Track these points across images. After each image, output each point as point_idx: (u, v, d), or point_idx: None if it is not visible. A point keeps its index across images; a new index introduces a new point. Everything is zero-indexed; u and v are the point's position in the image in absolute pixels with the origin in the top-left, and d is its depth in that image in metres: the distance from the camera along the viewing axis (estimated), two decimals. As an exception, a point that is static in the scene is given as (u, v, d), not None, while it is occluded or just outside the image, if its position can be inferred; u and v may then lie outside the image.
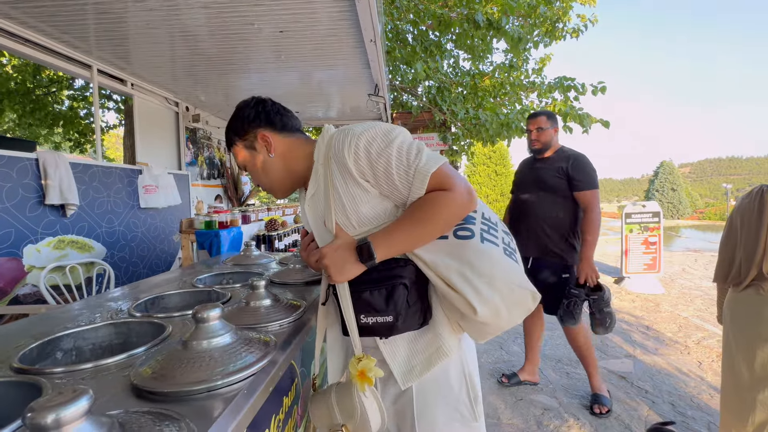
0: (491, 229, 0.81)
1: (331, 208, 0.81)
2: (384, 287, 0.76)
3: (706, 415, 2.28)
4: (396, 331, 0.77)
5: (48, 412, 0.33)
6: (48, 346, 0.72)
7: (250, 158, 0.92)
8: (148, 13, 2.28)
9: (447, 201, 0.76)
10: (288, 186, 0.94)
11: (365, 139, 0.78)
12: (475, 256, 0.75)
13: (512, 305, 0.74)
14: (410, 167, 0.77)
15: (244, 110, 0.92)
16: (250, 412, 0.55)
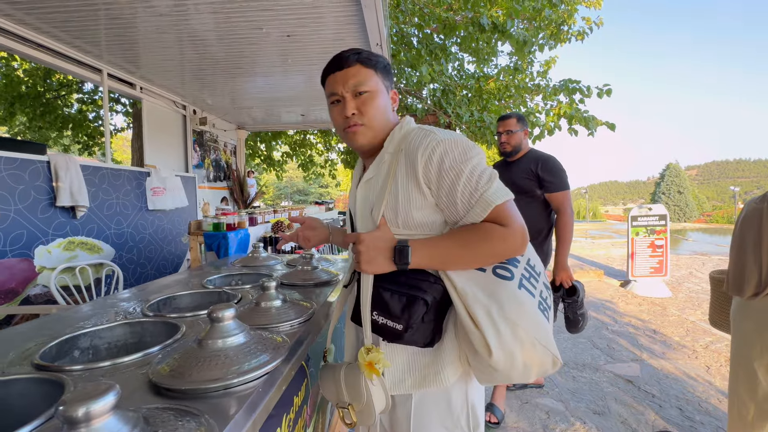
0: (532, 278, 0.80)
1: (384, 199, 0.81)
2: (405, 295, 0.75)
3: (714, 420, 2.26)
4: (400, 340, 0.77)
5: (79, 405, 0.34)
6: (66, 345, 0.74)
7: (381, 92, 0.88)
8: (158, 19, 2.32)
9: (501, 236, 0.76)
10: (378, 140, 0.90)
11: (443, 147, 0.77)
12: (508, 298, 0.73)
13: (529, 361, 0.71)
14: (476, 191, 0.76)
15: (389, 64, 0.93)
16: (265, 410, 0.56)
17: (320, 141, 8.81)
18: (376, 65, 0.89)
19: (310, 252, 1.42)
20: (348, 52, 0.89)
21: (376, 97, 0.87)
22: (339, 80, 0.87)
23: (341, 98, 0.88)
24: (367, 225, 0.86)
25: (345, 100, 0.87)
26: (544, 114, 5.33)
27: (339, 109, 0.89)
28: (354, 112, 0.86)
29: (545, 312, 0.77)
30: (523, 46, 4.05)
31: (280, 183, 30.20)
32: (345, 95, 0.87)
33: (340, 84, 0.87)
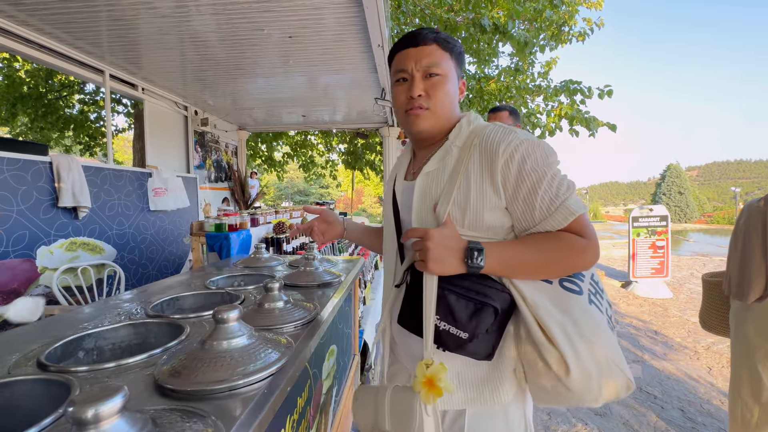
0: (598, 294, 0.75)
1: (452, 195, 0.75)
2: (474, 301, 0.69)
3: (716, 422, 2.26)
4: (461, 350, 0.70)
5: (88, 407, 0.35)
6: (71, 346, 0.74)
7: (452, 77, 0.83)
8: (160, 20, 2.32)
9: (580, 248, 0.71)
10: (440, 127, 0.84)
11: (526, 147, 0.73)
12: (581, 314, 0.68)
13: (605, 382, 0.65)
14: (558, 198, 0.72)
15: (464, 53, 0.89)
16: (270, 411, 0.57)
17: (321, 142, 8.82)
18: (453, 49, 0.84)
19: (313, 253, 1.42)
20: (426, 29, 0.83)
21: (446, 82, 0.82)
22: (411, 57, 0.82)
23: (410, 77, 0.83)
24: (425, 221, 0.80)
25: (413, 79, 0.82)
26: (545, 115, 5.33)
27: (404, 88, 0.83)
28: (421, 93, 0.81)
29: (614, 330, 0.72)
30: (524, 47, 4.05)
31: (281, 184, 30.22)
32: (415, 74, 0.82)
33: (411, 61, 0.82)
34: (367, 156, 8.40)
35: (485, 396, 0.76)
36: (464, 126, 0.83)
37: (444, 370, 0.66)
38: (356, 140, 8.09)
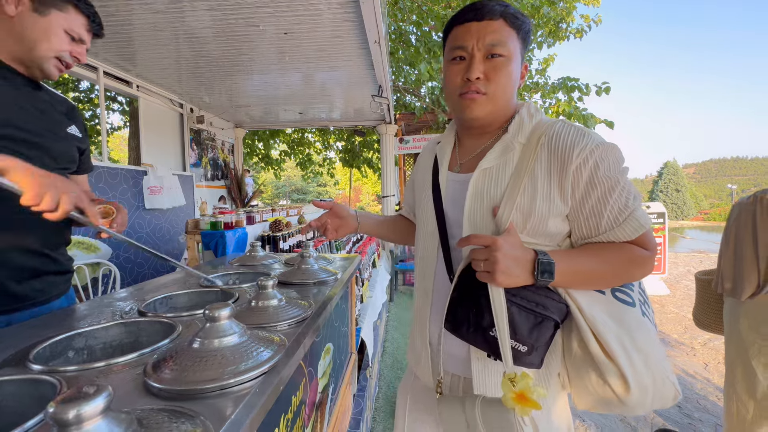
0: (646, 304, 0.72)
1: (516, 199, 0.70)
2: (534, 314, 0.66)
3: (713, 417, 2.27)
4: (518, 362, 0.67)
5: (70, 408, 0.33)
6: (60, 345, 0.73)
7: (516, 60, 0.75)
8: (154, 16, 2.30)
9: (644, 261, 0.69)
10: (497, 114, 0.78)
11: (601, 152, 0.68)
12: (636, 326, 0.66)
13: (657, 396, 0.64)
14: (627, 207, 0.68)
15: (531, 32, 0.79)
16: (262, 410, 0.56)
17: (318, 139, 8.79)
18: (521, 27, 0.74)
19: (309, 251, 1.41)
20: (493, 2, 0.72)
21: (510, 64, 0.73)
22: (473, 32, 0.72)
23: (468, 55, 0.74)
24: (480, 223, 0.74)
25: (473, 58, 0.73)
26: (543, 112, 5.33)
27: (461, 67, 0.75)
28: (480, 76, 0.73)
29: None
30: (522, 44, 4.04)
31: (279, 182, 30.13)
32: (475, 53, 0.73)
33: (473, 37, 0.72)
34: (365, 154, 8.38)
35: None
36: (526, 120, 0.77)
37: (529, 378, 0.62)
38: (354, 138, 8.07)
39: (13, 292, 0.91)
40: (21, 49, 0.91)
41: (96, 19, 1.00)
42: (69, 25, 0.93)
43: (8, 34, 0.89)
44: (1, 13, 0.87)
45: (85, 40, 0.98)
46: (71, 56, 0.96)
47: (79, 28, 0.96)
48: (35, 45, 0.90)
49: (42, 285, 0.98)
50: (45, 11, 0.90)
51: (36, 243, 0.96)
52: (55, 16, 0.91)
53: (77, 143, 1.08)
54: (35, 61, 0.92)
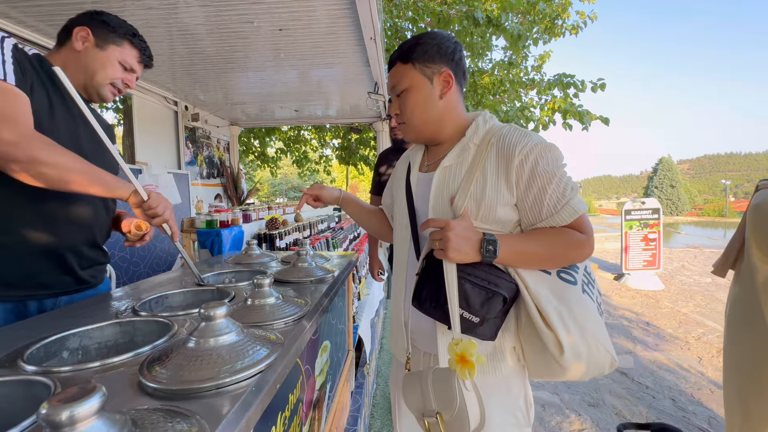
0: (590, 284, 0.84)
1: (469, 190, 0.83)
2: (486, 290, 0.77)
3: (706, 411, 2.30)
4: (472, 333, 0.78)
5: (62, 409, 0.33)
6: (54, 345, 0.72)
7: (418, 86, 0.88)
8: (147, 12, 2.27)
9: (581, 243, 0.80)
10: (428, 134, 0.93)
11: (540, 149, 0.80)
12: (576, 301, 0.77)
13: (593, 363, 0.75)
14: (564, 197, 0.80)
15: (444, 41, 0.88)
16: (259, 409, 0.55)
17: (314, 137, 8.75)
18: (411, 56, 0.88)
19: (305, 249, 1.41)
20: (395, 52, 0.91)
21: (412, 93, 0.89)
22: (388, 83, 0.93)
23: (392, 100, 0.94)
24: (442, 212, 0.87)
25: (391, 102, 0.94)
26: (539, 108, 5.33)
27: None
28: (397, 112, 0.92)
29: (602, 316, 0.81)
30: (518, 40, 4.04)
31: (275, 179, 30.01)
32: (392, 97, 0.93)
33: (389, 86, 0.93)
34: (361, 151, 8.36)
35: (488, 369, 0.85)
36: (480, 125, 0.89)
37: (473, 345, 0.71)
38: (350, 135, 8.05)
39: (80, 277, 1.12)
40: (84, 77, 1.09)
41: (146, 52, 1.20)
42: (123, 57, 1.13)
43: (75, 66, 1.07)
44: (71, 49, 1.08)
45: (135, 70, 1.18)
46: (122, 83, 1.15)
47: (131, 60, 1.15)
48: (95, 74, 1.09)
49: (95, 272, 1.19)
50: (104, 46, 1.10)
51: (97, 238, 1.16)
52: (112, 50, 1.10)
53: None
54: (94, 87, 1.10)
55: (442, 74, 0.88)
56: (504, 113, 4.98)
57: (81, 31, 1.08)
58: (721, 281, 5.72)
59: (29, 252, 0.99)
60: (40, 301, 1.05)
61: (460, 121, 0.92)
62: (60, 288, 1.08)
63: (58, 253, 1.04)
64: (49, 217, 1.01)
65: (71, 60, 1.08)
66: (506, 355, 0.85)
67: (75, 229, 1.07)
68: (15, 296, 0.99)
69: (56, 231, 1.03)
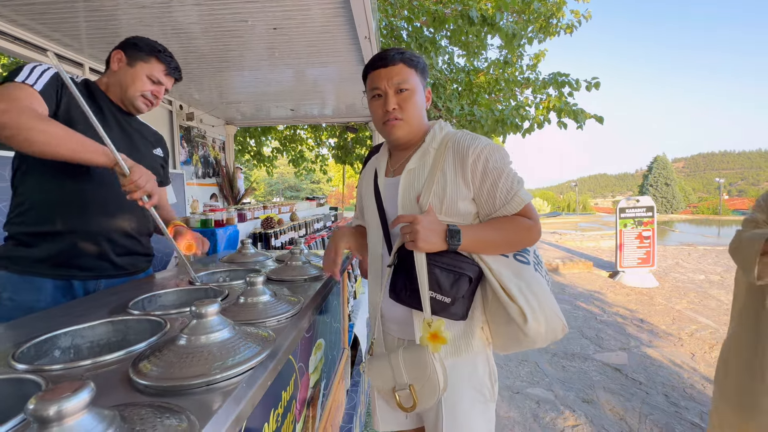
0: (539, 264, 0.97)
1: (432, 188, 0.93)
2: (453, 273, 0.87)
3: (699, 406, 2.33)
4: (446, 313, 0.88)
5: (50, 404, 0.33)
6: (46, 344, 0.72)
7: (419, 91, 1.00)
8: (140, 11, 2.26)
9: (529, 228, 0.92)
10: (412, 134, 1.01)
11: (489, 150, 0.92)
12: (532, 278, 0.88)
13: (549, 328, 0.85)
14: (512, 189, 0.91)
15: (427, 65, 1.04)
16: (249, 405, 0.56)
17: (310, 136, 8.73)
18: (417, 65, 1.00)
19: (299, 248, 1.41)
20: (392, 51, 0.99)
21: (414, 95, 0.98)
22: (383, 76, 0.97)
23: (383, 93, 0.98)
24: (409, 210, 0.96)
25: (387, 95, 0.97)
26: (534, 107, 5.35)
27: (380, 103, 0.99)
28: (395, 107, 0.97)
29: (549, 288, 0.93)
30: (513, 39, 4.05)
31: (272, 179, 29.92)
32: (388, 91, 0.97)
33: (384, 80, 0.97)
34: (358, 150, 8.35)
35: (461, 348, 0.96)
36: (437, 131, 1.01)
37: (442, 323, 0.84)
38: (346, 134, 8.03)
39: (116, 263, 1.26)
40: (120, 92, 1.27)
41: (172, 64, 1.32)
42: (150, 71, 1.27)
43: (114, 83, 1.27)
44: (111, 70, 1.27)
45: (163, 82, 1.32)
46: (152, 94, 1.30)
47: (158, 74, 1.29)
48: (127, 88, 1.26)
49: (133, 260, 1.33)
50: (134, 64, 1.26)
51: (131, 228, 1.29)
52: (141, 66, 1.26)
53: (161, 161, 1.49)
54: (129, 99, 1.27)
55: (427, 90, 1.04)
56: (499, 112, 5.00)
57: (117, 54, 1.27)
58: (714, 278, 5.77)
59: (69, 237, 1.15)
60: (84, 282, 1.20)
61: (424, 129, 1.04)
62: (98, 271, 1.22)
63: (93, 239, 1.19)
64: (84, 207, 1.16)
65: (111, 79, 1.27)
66: (475, 333, 0.96)
67: (108, 218, 1.21)
68: (60, 275, 1.16)
69: (91, 219, 1.18)
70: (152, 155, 1.42)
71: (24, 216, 1.14)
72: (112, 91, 1.28)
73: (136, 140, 1.35)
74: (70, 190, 1.14)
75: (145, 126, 1.46)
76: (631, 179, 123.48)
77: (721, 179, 36.15)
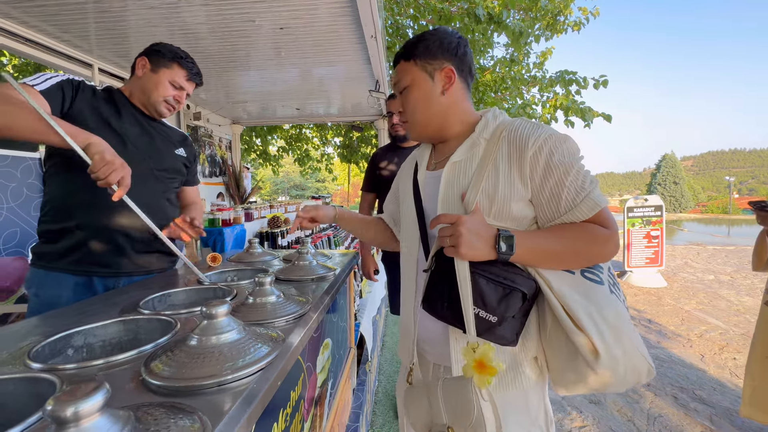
0: (616, 285, 0.77)
1: (480, 185, 0.78)
2: (503, 285, 0.71)
3: (709, 408, 2.30)
4: (490, 334, 0.72)
5: (67, 405, 0.34)
6: (59, 344, 0.73)
7: (419, 83, 0.86)
8: (149, 11, 2.28)
9: (605, 238, 0.74)
10: (431, 131, 0.90)
11: (554, 141, 0.75)
12: (605, 302, 0.70)
13: (630, 368, 0.67)
14: (583, 189, 0.74)
15: (447, 37, 0.85)
16: (260, 405, 0.56)
17: (316, 135, 8.75)
18: (413, 52, 0.86)
19: (307, 247, 1.41)
20: (399, 50, 0.89)
21: (412, 90, 0.87)
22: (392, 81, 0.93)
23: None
24: (452, 209, 0.82)
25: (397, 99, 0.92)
26: (541, 106, 5.30)
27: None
28: (400, 110, 0.91)
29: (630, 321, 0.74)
30: (519, 37, 4.02)
31: (277, 178, 30.06)
32: (397, 95, 0.92)
33: (392, 84, 0.92)
34: (363, 149, 8.36)
35: (507, 381, 0.78)
36: (490, 120, 0.85)
37: (492, 349, 0.67)
38: (351, 133, 8.04)
39: (134, 261, 1.28)
40: (144, 97, 1.30)
41: (193, 70, 1.35)
42: (173, 77, 1.30)
43: (138, 89, 1.30)
44: (135, 77, 1.31)
45: (184, 87, 1.34)
46: (174, 99, 1.33)
47: (180, 79, 1.32)
48: (150, 93, 1.29)
49: (151, 259, 1.34)
50: (157, 70, 1.29)
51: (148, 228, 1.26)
52: (163, 72, 1.29)
53: (183, 161, 1.47)
54: (152, 104, 1.31)
55: (444, 70, 0.85)
56: (506, 111, 4.97)
57: (141, 60, 1.30)
58: (724, 278, 5.70)
59: (86, 234, 1.18)
60: (103, 279, 1.22)
61: (466, 118, 0.88)
62: (117, 268, 1.24)
63: (110, 236, 1.21)
64: (100, 204, 1.17)
65: (136, 85, 1.30)
66: (527, 365, 0.79)
67: (124, 215, 1.22)
68: (81, 271, 1.19)
69: (107, 216, 1.19)
70: (173, 155, 1.44)
71: (48, 215, 1.19)
72: (136, 97, 1.31)
73: (158, 141, 1.37)
74: (88, 188, 1.14)
75: (170, 128, 1.48)
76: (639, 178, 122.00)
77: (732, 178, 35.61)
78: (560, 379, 0.75)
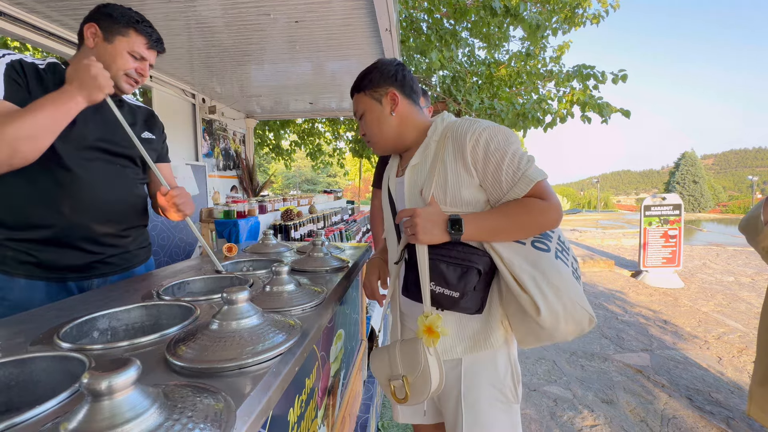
0: (564, 251, 0.89)
1: (433, 179, 0.91)
2: (460, 266, 0.84)
3: (725, 411, 2.25)
4: (456, 307, 0.86)
5: (103, 378, 0.35)
6: (86, 325, 0.76)
7: (371, 109, 1.02)
8: (166, 5, 2.31)
9: (541, 209, 0.85)
10: (390, 145, 1.05)
11: (489, 132, 0.88)
12: (548, 267, 0.82)
13: (570, 320, 0.80)
14: (519, 170, 0.86)
15: (386, 67, 1.02)
16: (278, 390, 0.58)
17: (328, 129, 8.77)
18: (360, 84, 1.03)
19: (320, 239, 1.43)
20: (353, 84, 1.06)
21: (366, 116, 1.03)
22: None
23: None
24: (416, 205, 0.94)
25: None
26: (557, 101, 5.20)
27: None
28: (364, 133, 1.06)
29: (578, 279, 0.87)
30: (536, 31, 3.94)
31: (289, 172, 30.29)
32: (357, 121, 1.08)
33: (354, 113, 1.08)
34: (375, 144, 8.33)
35: (480, 344, 0.93)
36: (439, 124, 0.99)
37: (439, 318, 0.84)
38: (364, 128, 8.02)
39: (106, 261, 1.19)
40: None
41: (153, 36, 1.16)
42: (131, 47, 1.11)
43: None
44: (86, 48, 1.09)
45: (146, 57, 1.15)
46: (136, 72, 1.15)
47: (140, 48, 1.13)
48: (108, 68, 1.06)
49: (123, 257, 1.25)
50: (112, 39, 1.09)
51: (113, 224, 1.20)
52: (119, 42, 1.09)
53: (153, 145, 1.33)
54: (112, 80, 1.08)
55: (388, 94, 1.00)
56: (520, 106, 4.89)
57: (90, 28, 1.09)
58: (744, 280, 5.53)
59: (50, 239, 1.07)
60: (78, 283, 1.14)
61: (419, 126, 1.02)
62: (88, 271, 1.15)
63: (73, 239, 1.10)
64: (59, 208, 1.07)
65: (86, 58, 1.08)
66: (494, 328, 0.93)
67: (85, 216, 1.11)
68: (54, 277, 1.10)
69: (67, 219, 1.08)
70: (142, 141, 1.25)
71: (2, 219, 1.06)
72: None
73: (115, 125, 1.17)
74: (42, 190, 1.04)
75: (135, 108, 1.30)
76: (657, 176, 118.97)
77: (755, 177, 34.42)
78: (519, 336, 0.91)
